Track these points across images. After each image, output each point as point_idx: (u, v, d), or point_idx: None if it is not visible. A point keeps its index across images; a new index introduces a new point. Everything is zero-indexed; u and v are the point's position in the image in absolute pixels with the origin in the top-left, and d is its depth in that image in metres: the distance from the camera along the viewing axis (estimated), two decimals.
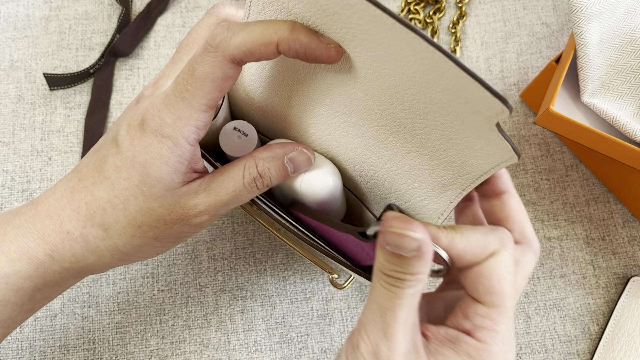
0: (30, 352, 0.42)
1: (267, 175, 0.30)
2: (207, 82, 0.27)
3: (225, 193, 0.30)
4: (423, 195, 0.31)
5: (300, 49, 0.26)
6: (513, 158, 0.26)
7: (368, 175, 0.33)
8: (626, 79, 0.41)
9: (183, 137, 0.28)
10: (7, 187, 0.45)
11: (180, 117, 0.28)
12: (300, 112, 0.33)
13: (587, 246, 0.45)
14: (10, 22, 0.49)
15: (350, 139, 0.32)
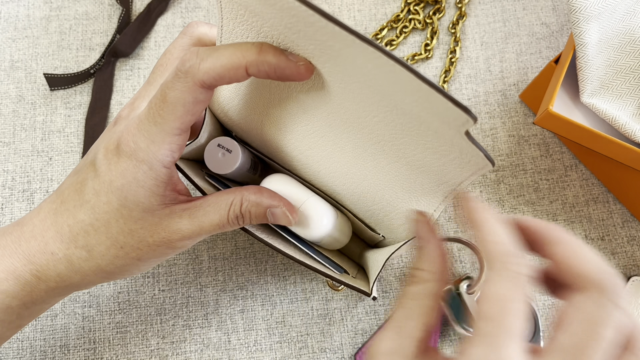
0: (31, 352, 0.42)
1: (248, 217, 0.31)
2: (178, 107, 0.27)
3: (209, 224, 0.30)
4: (406, 206, 0.32)
5: (269, 69, 0.27)
6: (487, 166, 0.26)
7: (351, 188, 0.34)
8: (625, 79, 0.41)
9: (158, 161, 0.29)
10: (8, 187, 0.45)
11: (154, 141, 0.28)
12: (278, 130, 0.33)
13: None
14: (10, 23, 0.49)
15: (330, 153, 0.33)
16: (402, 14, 0.50)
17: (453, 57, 0.49)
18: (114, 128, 0.31)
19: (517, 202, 0.46)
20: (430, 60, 0.50)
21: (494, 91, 0.49)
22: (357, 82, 0.27)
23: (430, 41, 0.49)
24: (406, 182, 0.31)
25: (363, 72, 0.25)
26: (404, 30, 0.50)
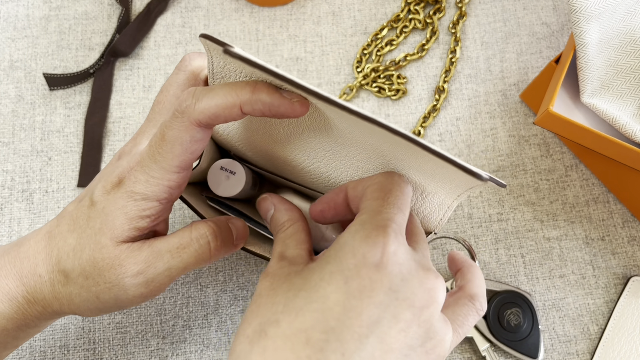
0: (31, 352, 0.42)
1: (219, 231, 0.31)
2: (176, 146, 0.28)
3: (168, 249, 0.30)
4: (422, 207, 0.32)
5: (263, 108, 0.27)
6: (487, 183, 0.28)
7: None
8: (626, 79, 0.41)
9: (154, 195, 0.29)
10: (7, 187, 0.45)
11: (154, 177, 0.29)
12: (284, 147, 0.33)
13: (587, 246, 0.45)
14: (10, 22, 0.49)
15: (339, 165, 0.33)
16: (402, 14, 0.50)
17: (453, 57, 0.49)
18: (117, 162, 0.31)
19: (517, 202, 0.46)
20: (430, 60, 0.49)
21: (494, 91, 0.49)
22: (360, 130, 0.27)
23: (427, 42, 0.49)
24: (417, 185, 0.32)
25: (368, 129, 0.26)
26: (404, 30, 0.50)
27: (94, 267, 0.29)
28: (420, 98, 0.48)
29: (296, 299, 0.24)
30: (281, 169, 0.35)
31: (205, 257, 0.31)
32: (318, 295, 0.24)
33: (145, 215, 0.29)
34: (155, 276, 0.29)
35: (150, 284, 0.30)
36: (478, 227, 0.45)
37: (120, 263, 0.29)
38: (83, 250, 0.29)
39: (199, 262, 0.30)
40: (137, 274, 0.29)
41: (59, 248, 0.30)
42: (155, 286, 0.30)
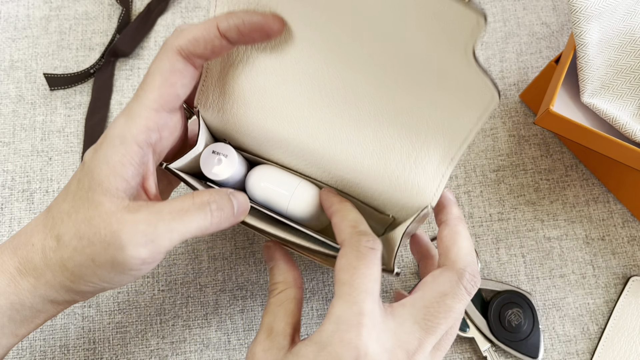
0: (31, 352, 0.42)
1: (221, 201, 0.30)
2: (156, 76, 0.28)
3: (169, 211, 0.28)
4: (412, 176, 0.32)
5: (238, 22, 0.28)
6: (494, 99, 0.27)
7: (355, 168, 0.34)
8: (626, 79, 0.41)
9: (131, 135, 0.28)
10: (8, 187, 0.45)
11: (131, 116, 0.28)
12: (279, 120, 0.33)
13: (587, 246, 0.45)
14: (10, 22, 0.49)
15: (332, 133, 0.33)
16: None
17: None
18: None
19: (518, 202, 0.46)
20: None
21: None
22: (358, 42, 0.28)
23: None
24: (410, 149, 0.32)
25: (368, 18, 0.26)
26: None
27: (89, 225, 0.28)
28: None
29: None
30: (272, 154, 0.35)
31: (205, 224, 0.29)
32: None
33: (127, 162, 0.28)
34: (155, 237, 0.27)
35: (149, 245, 0.27)
36: (479, 226, 0.45)
37: (118, 219, 0.27)
38: (77, 211, 0.28)
39: (200, 228, 0.29)
40: (136, 233, 0.27)
41: (54, 216, 0.29)
42: (154, 248, 0.28)
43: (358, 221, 0.30)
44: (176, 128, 0.31)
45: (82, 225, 0.28)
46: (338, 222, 0.31)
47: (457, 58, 0.26)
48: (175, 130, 0.31)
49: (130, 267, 0.28)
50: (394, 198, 0.33)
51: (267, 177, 0.35)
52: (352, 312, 0.26)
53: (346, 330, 0.26)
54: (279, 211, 0.35)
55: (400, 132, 0.31)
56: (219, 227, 0.30)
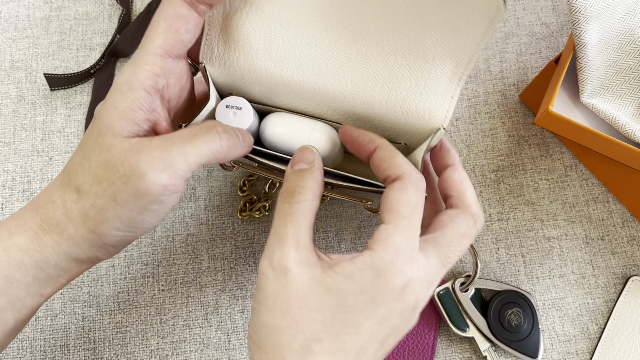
0: (31, 352, 0.42)
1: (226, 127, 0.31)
2: (160, 23, 0.29)
3: (180, 137, 0.29)
4: (422, 101, 0.33)
5: None
6: (500, 10, 0.28)
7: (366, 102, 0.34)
8: (625, 79, 0.41)
9: (138, 81, 0.29)
10: (8, 187, 0.45)
11: (137, 63, 0.29)
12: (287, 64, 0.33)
13: (587, 246, 0.45)
14: (10, 23, 0.49)
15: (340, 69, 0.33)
16: None
17: None
18: None
19: (517, 202, 0.46)
20: None
21: (494, 91, 0.49)
22: None
23: None
24: (419, 75, 0.32)
25: None
26: None
27: (106, 167, 0.28)
28: None
29: (334, 322, 0.27)
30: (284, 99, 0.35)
31: (216, 147, 0.30)
32: (353, 322, 0.27)
33: (136, 107, 0.28)
34: (172, 160, 0.28)
35: (167, 169, 0.28)
36: None
37: (133, 152, 0.28)
38: (89, 159, 0.29)
39: (211, 151, 0.29)
40: (153, 159, 0.28)
41: (69, 171, 0.30)
42: (173, 172, 0.28)
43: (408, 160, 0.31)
44: (182, 75, 0.31)
45: (98, 170, 0.28)
46: (387, 156, 0.31)
47: None
48: (182, 77, 0.31)
49: (153, 195, 0.28)
50: (406, 126, 0.34)
51: (282, 123, 0.35)
52: (409, 246, 0.28)
53: (404, 262, 0.28)
54: None
55: (408, 58, 0.32)
56: (230, 153, 0.31)
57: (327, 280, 0.27)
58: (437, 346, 0.43)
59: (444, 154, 0.34)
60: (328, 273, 0.27)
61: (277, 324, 0.27)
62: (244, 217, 0.45)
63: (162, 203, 0.29)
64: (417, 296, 0.29)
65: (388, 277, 0.27)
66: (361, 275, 0.27)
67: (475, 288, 0.43)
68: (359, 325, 0.27)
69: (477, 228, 0.31)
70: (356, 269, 0.27)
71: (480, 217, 0.32)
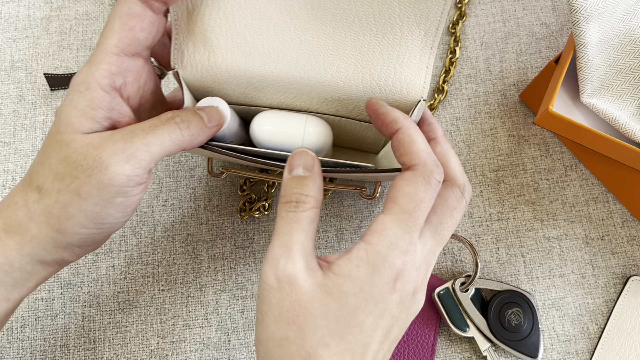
0: (31, 352, 0.42)
1: (184, 115, 0.31)
2: (115, 21, 0.29)
3: (141, 129, 0.29)
4: (399, 73, 0.33)
5: None
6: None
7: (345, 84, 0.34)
8: (625, 79, 0.41)
9: (95, 81, 0.29)
10: (8, 187, 0.45)
11: (93, 62, 0.29)
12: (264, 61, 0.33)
13: (586, 246, 0.45)
14: (11, 23, 0.49)
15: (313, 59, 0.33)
16: None
17: (453, 57, 0.49)
18: None
19: (517, 201, 0.46)
20: None
21: (494, 91, 0.49)
22: None
23: None
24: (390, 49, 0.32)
25: None
26: None
27: (67, 163, 0.28)
28: None
29: (339, 325, 0.27)
30: (262, 95, 0.35)
31: (177, 136, 0.30)
32: (356, 322, 0.27)
33: (96, 105, 0.29)
34: (134, 151, 0.28)
35: (130, 160, 0.28)
36: (479, 226, 0.46)
37: (95, 145, 0.28)
38: (49, 157, 0.29)
39: (174, 141, 0.30)
40: (116, 151, 0.28)
41: (30, 172, 0.30)
42: (136, 163, 0.28)
43: (430, 149, 0.30)
44: (140, 74, 0.31)
45: (60, 166, 0.28)
46: (406, 142, 0.30)
47: None
48: (140, 76, 0.31)
49: (117, 186, 0.28)
50: (387, 102, 0.34)
51: (271, 120, 0.35)
52: (405, 241, 0.28)
53: (397, 256, 0.28)
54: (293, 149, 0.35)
55: (376, 34, 0.32)
56: (195, 139, 0.31)
57: (328, 284, 0.27)
58: (437, 346, 0.43)
59: (426, 127, 0.33)
60: (328, 276, 0.28)
61: (283, 335, 0.27)
62: (243, 216, 0.45)
63: (127, 195, 0.29)
64: (415, 282, 0.29)
65: (383, 272, 0.28)
66: (359, 273, 0.27)
67: (475, 288, 0.43)
68: (362, 323, 0.27)
69: (465, 200, 0.31)
70: (353, 266, 0.27)
71: (467, 188, 0.32)
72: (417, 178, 0.29)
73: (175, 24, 0.32)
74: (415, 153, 0.29)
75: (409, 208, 0.28)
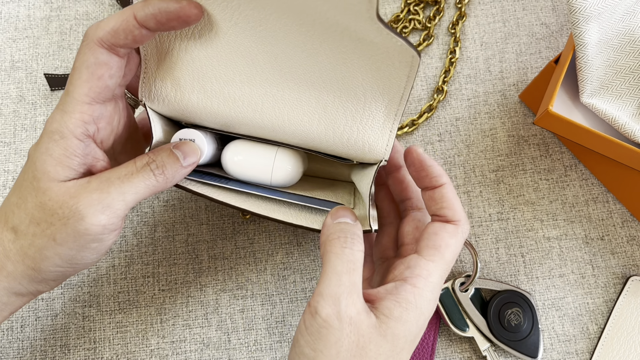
0: (32, 352, 0.42)
1: (160, 159, 0.31)
2: (82, 70, 0.29)
3: (117, 177, 0.30)
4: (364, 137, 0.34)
5: (155, 11, 0.28)
6: (415, 58, 0.29)
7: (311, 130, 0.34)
8: (625, 79, 0.41)
9: (68, 130, 0.29)
10: (9, 187, 0.45)
11: (66, 111, 0.29)
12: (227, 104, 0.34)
13: (586, 246, 0.45)
14: (11, 23, 0.49)
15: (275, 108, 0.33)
16: (402, 14, 0.50)
17: (453, 57, 0.49)
18: None
19: (517, 201, 0.46)
20: (429, 61, 0.50)
21: (494, 91, 0.49)
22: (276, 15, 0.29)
23: (419, 44, 0.50)
24: (354, 112, 0.33)
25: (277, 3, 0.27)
26: (404, 31, 0.50)
27: (43, 210, 0.29)
28: (419, 98, 0.49)
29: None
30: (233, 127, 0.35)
31: (153, 183, 0.31)
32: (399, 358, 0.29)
33: (70, 154, 0.29)
34: (110, 201, 0.29)
35: (106, 210, 0.29)
36: (478, 226, 0.46)
37: (72, 195, 0.29)
38: (26, 201, 0.29)
39: (149, 188, 0.30)
40: (92, 201, 0.29)
41: (5, 211, 0.30)
42: (112, 212, 0.29)
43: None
44: (112, 117, 0.32)
45: (35, 212, 0.29)
46: (450, 197, 0.33)
47: (366, 25, 0.27)
48: (112, 119, 0.32)
49: (92, 235, 0.29)
50: (349, 155, 0.35)
51: (242, 151, 0.35)
52: (440, 280, 0.31)
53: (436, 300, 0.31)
54: (262, 182, 0.35)
55: (340, 97, 0.33)
56: (170, 182, 0.32)
57: (382, 327, 0.29)
58: (437, 346, 0.43)
59: (429, 171, 0.34)
60: (381, 319, 0.29)
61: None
62: (244, 217, 0.45)
63: (102, 241, 0.30)
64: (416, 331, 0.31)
65: (427, 315, 0.30)
66: (409, 317, 0.29)
67: (475, 288, 0.43)
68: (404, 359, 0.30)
69: (465, 239, 0.34)
70: (403, 310, 0.29)
71: (468, 229, 0.34)
72: (458, 234, 0.32)
73: (144, 59, 0.33)
74: (458, 211, 0.33)
75: (449, 259, 0.31)
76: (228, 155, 0.36)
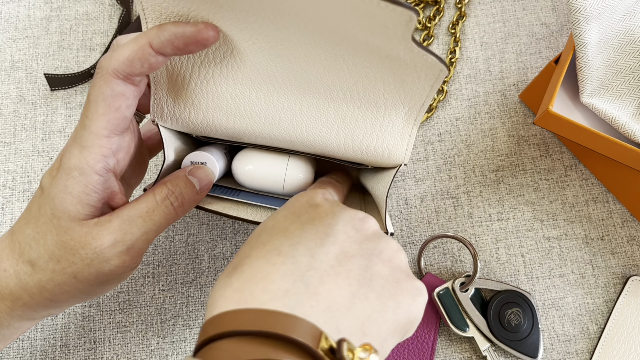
0: (31, 352, 0.42)
1: (178, 190, 0.31)
2: (99, 103, 0.28)
3: (138, 215, 0.30)
4: (384, 144, 0.34)
5: (170, 36, 0.27)
6: (443, 71, 0.28)
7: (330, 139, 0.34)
8: (625, 79, 0.41)
9: (88, 166, 0.28)
10: (9, 187, 0.45)
11: (84, 147, 0.28)
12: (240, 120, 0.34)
13: (586, 246, 0.45)
14: (11, 23, 0.49)
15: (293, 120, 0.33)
16: None
17: (453, 57, 0.49)
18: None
19: (517, 202, 0.46)
20: None
21: (494, 91, 0.49)
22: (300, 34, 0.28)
23: (422, 43, 0.50)
24: (373, 120, 0.33)
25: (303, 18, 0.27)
26: None
27: (65, 249, 0.29)
28: None
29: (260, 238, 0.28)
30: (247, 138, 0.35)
31: (172, 216, 0.31)
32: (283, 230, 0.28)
33: (90, 190, 0.29)
34: (133, 242, 0.29)
35: (130, 250, 0.29)
36: (478, 226, 0.46)
37: (94, 237, 0.29)
38: (45, 237, 0.29)
39: (168, 220, 0.31)
40: (116, 243, 0.29)
41: (19, 241, 0.30)
42: (136, 252, 0.30)
43: None
44: (130, 147, 0.31)
45: (56, 249, 0.29)
46: None
47: (399, 45, 0.27)
48: (130, 149, 0.31)
49: (115, 275, 0.30)
50: (367, 162, 0.35)
51: (253, 160, 0.35)
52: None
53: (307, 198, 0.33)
54: (273, 192, 0.35)
55: (360, 107, 0.33)
56: (186, 211, 0.32)
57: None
58: (437, 346, 0.43)
59: None
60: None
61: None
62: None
63: (122, 277, 0.31)
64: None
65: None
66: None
67: (475, 288, 0.43)
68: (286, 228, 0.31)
69: None
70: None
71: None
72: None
73: (154, 80, 0.32)
74: None
75: None
76: (239, 165, 0.35)
